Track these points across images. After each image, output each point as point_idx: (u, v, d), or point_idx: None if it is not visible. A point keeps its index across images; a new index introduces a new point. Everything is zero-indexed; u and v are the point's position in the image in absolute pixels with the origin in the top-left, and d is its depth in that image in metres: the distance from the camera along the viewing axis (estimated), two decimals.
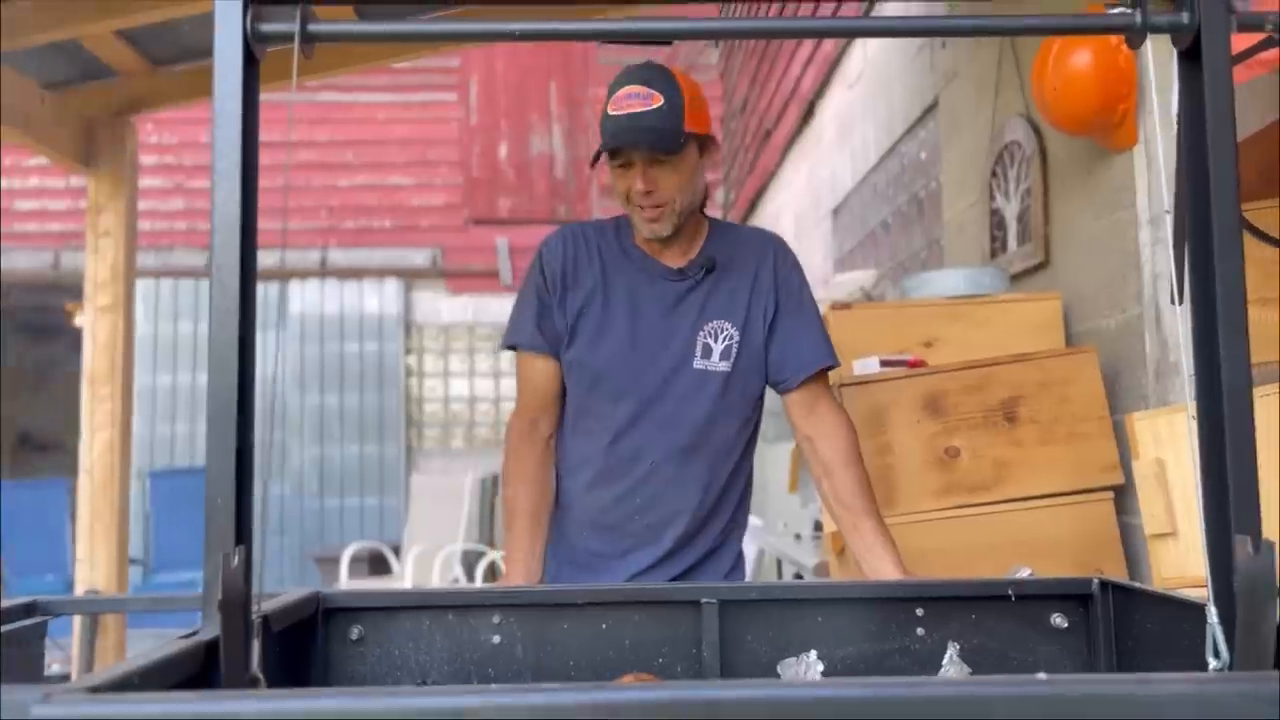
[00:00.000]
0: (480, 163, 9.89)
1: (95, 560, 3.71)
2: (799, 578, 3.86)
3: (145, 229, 4.99)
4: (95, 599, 2.01)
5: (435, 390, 9.74)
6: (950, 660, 1.30)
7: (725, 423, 1.96)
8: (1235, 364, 0.94)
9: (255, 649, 0.95)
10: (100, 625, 3.28)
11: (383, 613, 1.33)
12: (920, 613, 1.33)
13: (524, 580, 1.92)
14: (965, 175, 3.75)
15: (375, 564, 7.81)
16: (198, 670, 0.93)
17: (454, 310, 9.75)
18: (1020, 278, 3.19)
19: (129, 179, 4.02)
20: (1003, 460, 2.51)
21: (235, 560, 0.92)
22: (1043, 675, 0.80)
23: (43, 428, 11.13)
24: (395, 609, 1.33)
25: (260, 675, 0.96)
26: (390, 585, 7.00)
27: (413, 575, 7.13)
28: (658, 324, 1.95)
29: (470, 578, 7.31)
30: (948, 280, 2.93)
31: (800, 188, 6.88)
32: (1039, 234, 3.06)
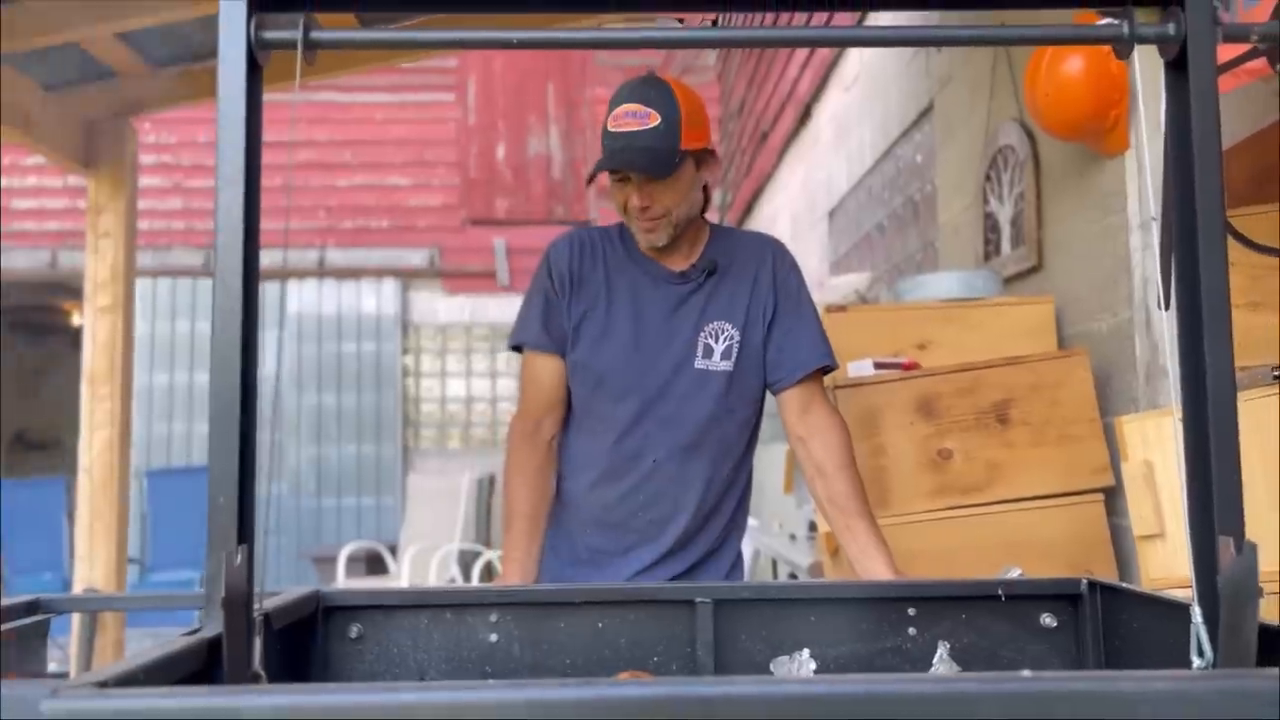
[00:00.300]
0: (478, 163, 9.88)
1: (94, 559, 3.71)
2: (794, 577, 3.87)
3: (143, 228, 4.98)
4: (98, 597, 2.01)
5: (432, 390, 9.72)
6: (940, 659, 1.30)
7: (726, 422, 1.99)
8: (1219, 368, 0.94)
9: (257, 646, 0.95)
10: (99, 624, 3.29)
11: (381, 611, 1.33)
12: (912, 612, 1.33)
13: (521, 580, 1.93)
14: (960, 178, 3.76)
15: (372, 564, 7.81)
16: (200, 667, 0.93)
17: (451, 310, 9.73)
18: (1013, 281, 3.20)
19: (129, 180, 4.03)
20: (995, 462, 2.53)
21: (238, 559, 0.93)
22: (1027, 672, 0.81)
23: (39, 426, 11.12)
24: (394, 608, 1.34)
25: (262, 672, 0.97)
26: (388, 585, 7.00)
27: (409, 575, 7.13)
28: (660, 325, 1.98)
29: (467, 577, 7.31)
30: (941, 283, 2.94)
31: (797, 190, 6.88)
32: (1032, 238, 3.07)
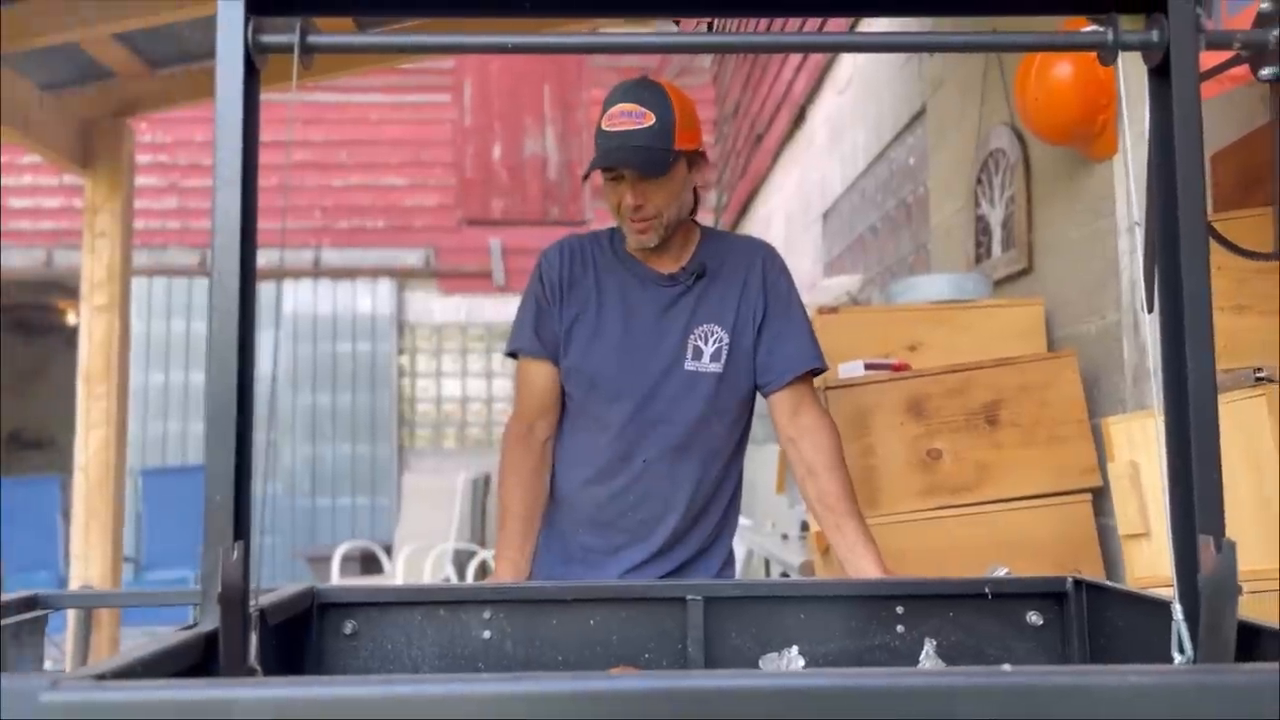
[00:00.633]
0: (474, 164, 9.88)
1: (90, 557, 3.72)
2: (786, 576, 3.89)
3: (139, 228, 4.98)
4: (97, 593, 2.02)
5: (427, 390, 9.72)
6: (927, 655, 1.31)
7: (716, 423, 2.01)
8: (1201, 371, 0.95)
9: (253, 641, 0.97)
10: (94, 621, 3.30)
11: (376, 608, 1.35)
12: (900, 610, 1.34)
13: (514, 578, 1.95)
14: (952, 181, 3.77)
15: (367, 563, 7.81)
16: (197, 661, 0.94)
17: (446, 310, 9.73)
18: (1004, 283, 3.21)
19: (126, 180, 4.03)
20: (984, 462, 2.54)
21: (234, 555, 0.94)
22: (1007, 666, 0.82)
23: (34, 426, 11.11)
24: (388, 604, 1.35)
25: (257, 667, 0.98)
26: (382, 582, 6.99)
27: (404, 575, 7.13)
28: (650, 327, 2.00)
29: (461, 577, 7.31)
30: (932, 285, 2.96)
31: (791, 191, 6.90)
32: (1022, 240, 3.09)
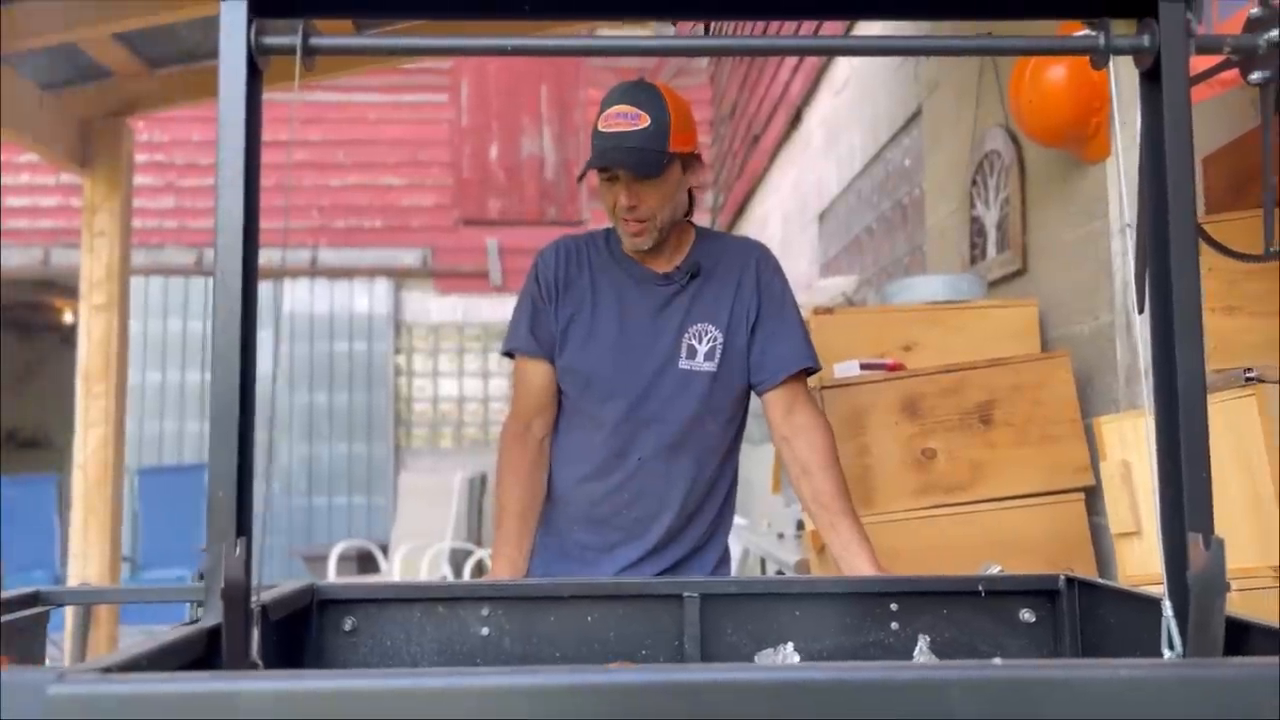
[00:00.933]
0: (471, 164, 9.89)
1: (88, 555, 3.72)
2: (781, 575, 3.90)
3: (136, 227, 4.98)
4: (99, 589, 2.03)
5: (424, 390, 9.72)
6: (921, 652, 1.33)
7: (710, 422, 2.02)
8: (1190, 371, 0.97)
9: (255, 637, 0.98)
10: (93, 619, 3.29)
11: (375, 605, 1.36)
12: (894, 607, 1.36)
13: (511, 576, 1.96)
14: (947, 183, 3.79)
15: (363, 562, 7.81)
16: (200, 656, 0.96)
17: (443, 310, 9.74)
18: (998, 284, 3.23)
19: (124, 179, 4.04)
20: (978, 461, 2.56)
21: (237, 551, 0.95)
22: (999, 660, 0.83)
23: (30, 424, 11.10)
24: (387, 601, 1.36)
25: (259, 662, 1.00)
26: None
27: (400, 574, 7.14)
28: (645, 326, 2.02)
29: (458, 576, 7.31)
30: (927, 286, 2.98)
31: (788, 192, 6.91)
32: (1017, 242, 3.11)
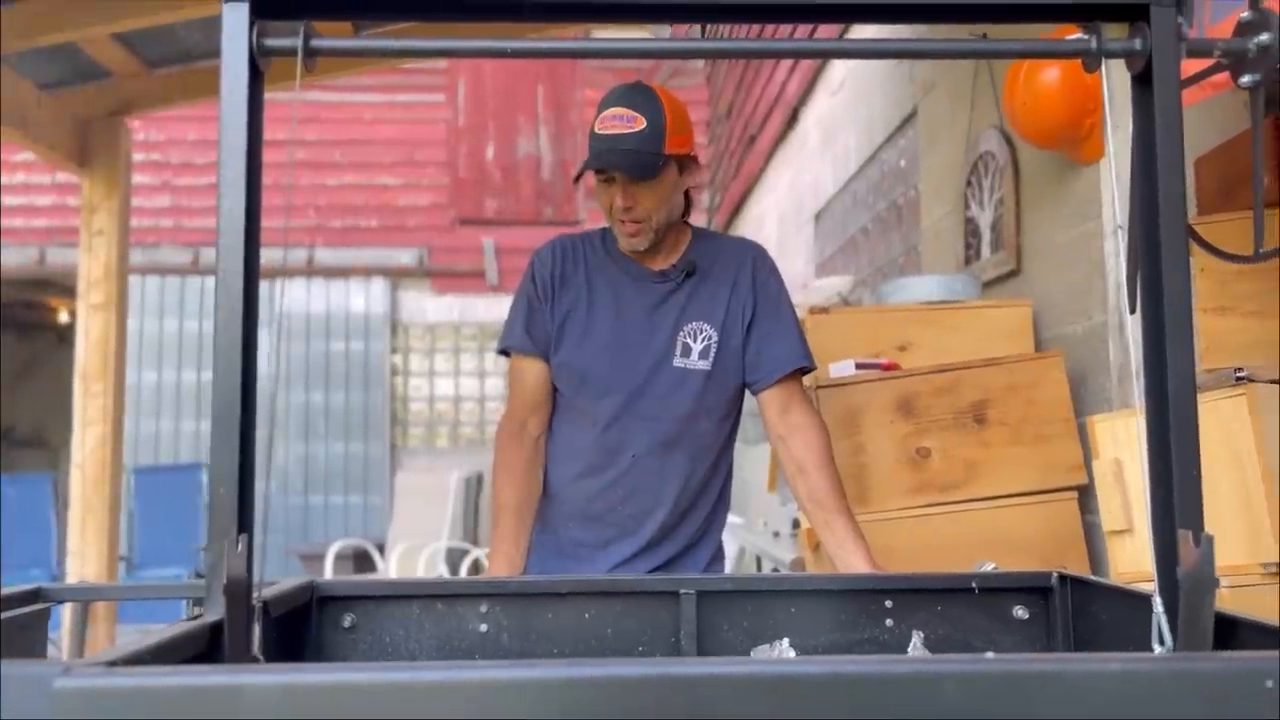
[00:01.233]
0: (467, 164, 9.89)
1: (86, 554, 3.73)
2: (777, 573, 3.91)
3: (131, 226, 4.99)
4: (100, 586, 2.05)
5: (420, 389, 9.72)
6: (915, 648, 1.34)
7: (704, 419, 2.04)
8: (1180, 371, 0.98)
9: (256, 632, 0.99)
10: (91, 617, 3.30)
11: (374, 601, 1.37)
12: (889, 604, 1.37)
13: (508, 574, 1.97)
14: (942, 184, 3.81)
15: (360, 562, 7.81)
16: (201, 651, 0.97)
17: (439, 310, 9.74)
18: (992, 285, 3.25)
19: (122, 178, 4.05)
20: (972, 460, 2.58)
21: (239, 547, 0.97)
22: (991, 654, 0.85)
23: (26, 423, 11.09)
24: (386, 598, 1.37)
25: (260, 657, 1.01)
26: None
27: (397, 573, 7.14)
28: (640, 323, 2.03)
29: (454, 575, 7.33)
30: (922, 286, 2.99)
31: (784, 192, 6.92)
32: (1011, 243, 3.13)
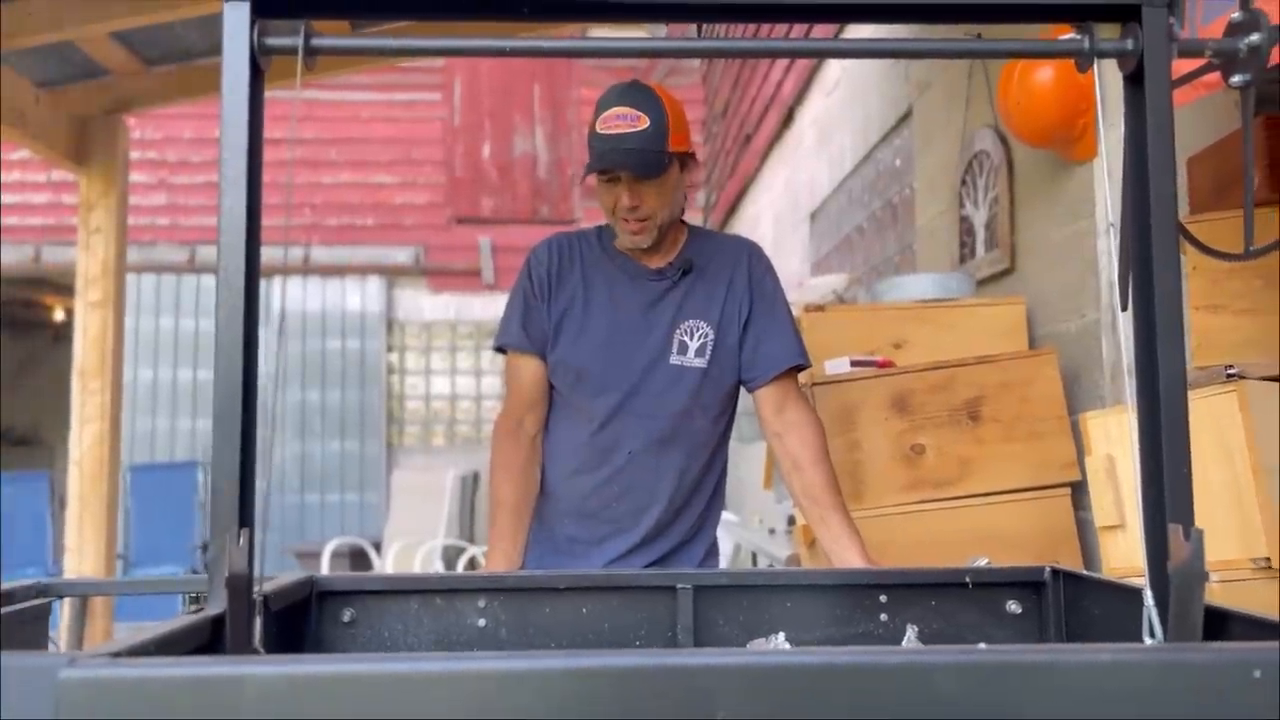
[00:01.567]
0: (463, 162, 9.90)
1: (84, 551, 3.73)
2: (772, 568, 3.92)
3: (128, 224, 5.00)
4: (101, 581, 2.06)
5: (417, 387, 9.74)
6: (909, 642, 1.35)
7: (700, 416, 2.05)
8: (1171, 368, 1.00)
9: (257, 625, 1.01)
10: (89, 613, 3.30)
11: (373, 596, 1.38)
12: (883, 599, 1.38)
13: (506, 570, 1.99)
14: (937, 183, 3.82)
15: (356, 559, 7.83)
16: (203, 644, 0.98)
17: (436, 308, 9.75)
18: (987, 283, 3.26)
19: (120, 177, 4.05)
20: (966, 457, 2.59)
21: (240, 542, 0.98)
22: (983, 645, 0.86)
23: (22, 422, 11.08)
24: (385, 593, 1.38)
25: (261, 650, 1.02)
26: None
27: (393, 571, 7.17)
28: (636, 321, 2.04)
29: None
30: (917, 285, 3.01)
31: (780, 191, 6.94)
32: (1005, 241, 3.14)
